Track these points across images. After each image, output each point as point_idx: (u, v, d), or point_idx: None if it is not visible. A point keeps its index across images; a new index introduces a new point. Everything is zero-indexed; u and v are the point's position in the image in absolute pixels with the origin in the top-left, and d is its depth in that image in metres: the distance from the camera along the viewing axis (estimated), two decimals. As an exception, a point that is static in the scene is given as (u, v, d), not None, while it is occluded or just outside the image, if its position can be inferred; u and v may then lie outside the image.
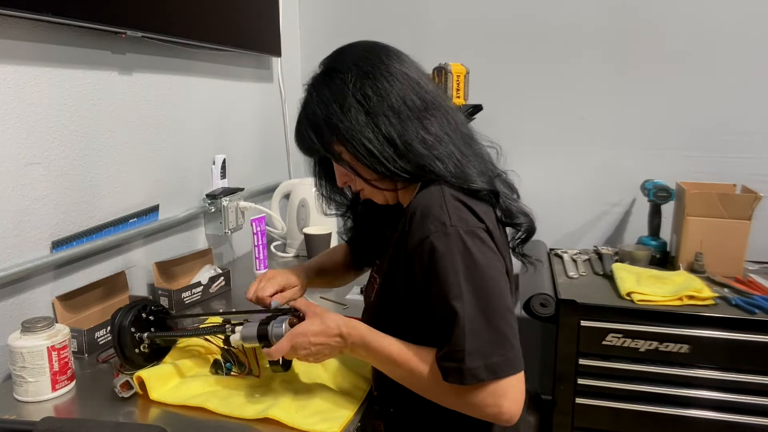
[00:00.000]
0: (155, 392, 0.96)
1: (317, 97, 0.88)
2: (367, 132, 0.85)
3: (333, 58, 0.92)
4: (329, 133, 0.87)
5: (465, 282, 0.77)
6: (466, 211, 0.82)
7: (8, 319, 1.09)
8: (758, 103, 1.92)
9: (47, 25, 1.12)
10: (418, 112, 0.86)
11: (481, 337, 0.76)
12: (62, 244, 1.19)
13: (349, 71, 0.87)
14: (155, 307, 1.08)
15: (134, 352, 1.03)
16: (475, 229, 0.80)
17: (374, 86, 0.86)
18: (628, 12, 1.98)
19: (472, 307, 0.76)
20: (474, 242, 0.79)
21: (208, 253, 1.63)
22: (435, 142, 0.86)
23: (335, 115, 0.86)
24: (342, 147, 0.88)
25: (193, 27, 1.50)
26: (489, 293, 0.78)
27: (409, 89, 0.87)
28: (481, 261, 0.78)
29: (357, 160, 0.87)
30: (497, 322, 0.77)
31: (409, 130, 0.85)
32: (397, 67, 0.88)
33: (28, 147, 1.11)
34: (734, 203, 1.72)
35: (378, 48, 0.91)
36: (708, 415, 1.55)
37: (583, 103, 2.08)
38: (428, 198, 0.84)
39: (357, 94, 0.85)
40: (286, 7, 2.13)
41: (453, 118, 0.91)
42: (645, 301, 1.58)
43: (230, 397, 0.96)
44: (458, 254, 0.78)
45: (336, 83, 0.87)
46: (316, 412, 0.91)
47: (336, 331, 0.87)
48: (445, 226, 0.79)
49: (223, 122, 1.79)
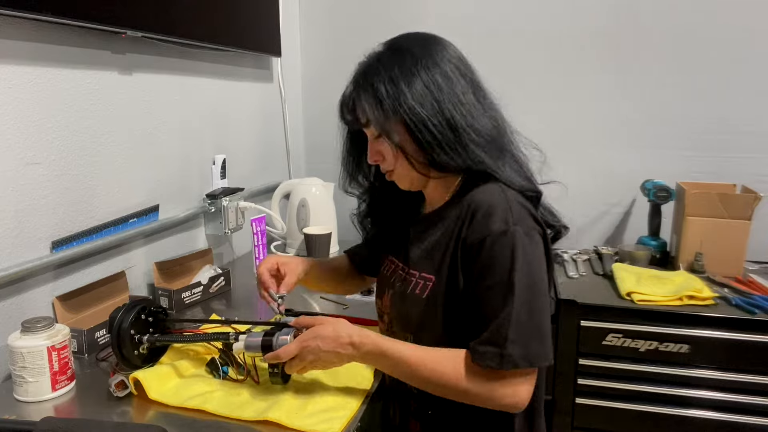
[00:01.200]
0: (153, 392, 0.96)
1: (384, 72, 0.89)
2: (432, 116, 0.87)
3: (398, 40, 0.94)
4: (391, 110, 0.88)
5: (518, 279, 0.82)
6: (526, 213, 0.87)
7: (8, 319, 1.09)
8: (758, 103, 1.92)
9: (47, 25, 1.12)
10: (479, 107, 0.91)
11: (524, 329, 0.81)
12: (62, 244, 1.19)
13: (420, 55, 0.89)
14: (154, 308, 1.08)
15: (133, 353, 1.02)
16: (532, 231, 0.86)
17: (444, 74, 0.89)
18: (628, 12, 1.98)
19: (521, 301, 0.81)
20: (531, 243, 0.85)
21: (208, 253, 1.63)
22: (491, 139, 0.90)
23: (403, 94, 0.87)
24: (401, 126, 0.89)
25: (193, 27, 1.50)
26: (536, 291, 0.83)
27: (469, 82, 0.92)
28: (534, 261, 0.84)
29: (414, 141, 0.89)
30: (538, 317, 0.83)
31: (471, 124, 0.88)
32: (457, 59, 0.92)
33: (28, 147, 1.11)
34: (734, 203, 1.72)
35: (444, 41, 0.94)
36: (708, 415, 1.55)
37: (583, 103, 2.07)
38: (491, 196, 0.88)
39: (427, 78, 0.88)
40: (286, 7, 2.13)
41: (504, 118, 0.96)
42: (645, 301, 1.58)
43: (229, 398, 0.96)
44: (517, 252, 0.83)
45: (406, 63, 0.88)
46: (316, 412, 0.91)
47: (347, 340, 0.88)
48: (508, 224, 0.84)
49: (223, 122, 1.79)
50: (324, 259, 1.25)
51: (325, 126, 2.35)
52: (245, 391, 0.98)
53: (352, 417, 0.91)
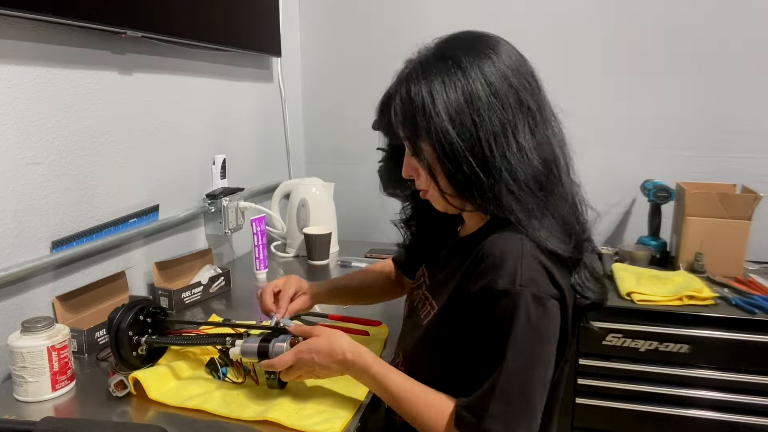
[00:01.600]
0: (153, 392, 0.96)
1: (423, 81, 0.78)
2: (467, 139, 0.76)
3: (448, 42, 0.83)
4: (424, 126, 0.78)
5: (514, 346, 0.73)
6: (543, 273, 0.76)
7: (8, 319, 1.09)
8: (758, 103, 1.92)
9: (47, 25, 1.12)
10: (529, 144, 0.78)
11: (510, 405, 0.73)
12: (62, 244, 1.19)
13: (464, 62, 0.78)
14: (153, 309, 1.07)
15: (131, 354, 1.02)
16: (542, 295, 0.74)
17: (488, 89, 0.77)
18: (629, 12, 1.98)
19: (512, 372, 0.73)
20: (537, 309, 0.74)
21: (208, 253, 1.63)
22: (533, 190, 0.78)
23: (438, 109, 0.76)
24: (430, 147, 0.79)
25: (193, 27, 1.50)
26: (533, 365, 0.74)
27: (523, 107, 0.79)
28: (538, 331, 0.74)
29: (442, 167, 0.79)
30: (532, 395, 0.74)
31: (511, 168, 0.76)
32: (514, 72, 0.80)
33: (28, 147, 1.11)
34: (734, 203, 1.72)
35: (496, 43, 0.82)
36: (708, 415, 1.55)
37: (583, 103, 2.07)
38: (506, 245, 0.77)
39: (468, 92, 0.76)
40: (286, 7, 2.13)
41: (558, 157, 0.83)
42: (645, 301, 1.58)
43: (228, 398, 0.96)
44: (518, 318, 0.73)
45: (449, 72, 0.77)
46: (316, 412, 0.91)
47: (341, 357, 0.87)
48: (514, 283, 0.74)
49: (223, 122, 1.79)
50: (350, 278, 1.21)
51: (325, 126, 2.36)
52: (245, 391, 0.98)
53: (351, 417, 0.91)
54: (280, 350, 0.90)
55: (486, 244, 0.79)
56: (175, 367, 1.03)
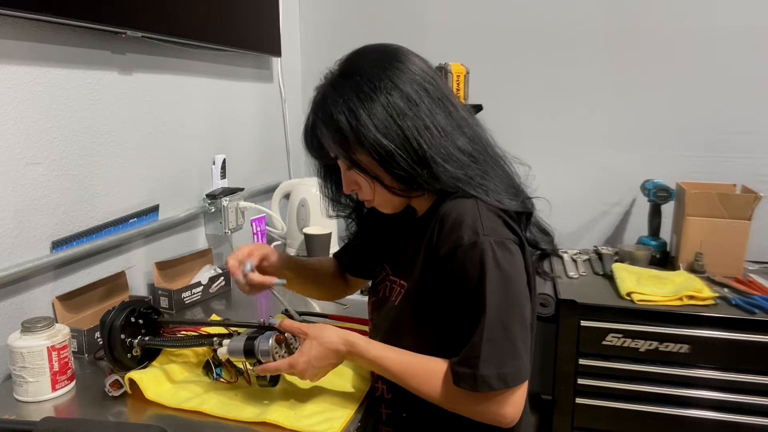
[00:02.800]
0: (150, 392, 0.96)
1: (340, 101, 0.84)
2: (397, 142, 0.82)
3: (352, 60, 0.88)
4: (355, 141, 0.83)
5: (490, 292, 0.78)
6: (500, 222, 0.83)
7: (8, 319, 1.09)
8: (758, 103, 1.92)
9: (47, 25, 1.12)
10: (447, 125, 0.84)
11: (497, 346, 0.78)
12: (62, 244, 1.19)
13: (375, 76, 0.83)
14: (144, 309, 1.06)
15: (125, 356, 1.01)
16: (505, 241, 0.81)
17: (406, 96, 0.83)
18: (628, 12, 1.98)
19: (493, 316, 0.78)
20: (504, 254, 0.80)
21: (208, 253, 1.63)
22: (468, 162, 0.85)
23: (364, 126, 0.82)
24: (367, 156, 0.84)
25: (193, 27, 1.50)
26: (510, 304, 0.79)
27: (436, 101, 0.85)
28: (507, 272, 0.79)
29: (384, 169, 0.84)
30: (514, 333, 0.79)
31: (441, 150, 0.83)
32: (421, 74, 0.85)
33: (28, 147, 1.11)
34: (734, 203, 1.72)
35: (400, 53, 0.87)
36: (708, 415, 1.55)
37: (583, 103, 2.07)
38: (462, 207, 0.83)
39: (386, 102, 0.82)
40: (286, 7, 2.13)
41: (480, 132, 0.89)
42: (645, 301, 1.58)
43: (226, 399, 0.96)
44: (487, 264, 0.78)
45: (362, 88, 0.83)
46: (315, 413, 0.91)
47: (335, 353, 0.88)
48: (478, 235, 0.79)
49: (223, 122, 1.79)
50: (304, 257, 1.21)
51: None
52: (242, 392, 0.98)
53: (350, 418, 0.91)
54: (264, 347, 0.90)
55: (442, 210, 0.84)
56: (170, 370, 1.03)
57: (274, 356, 0.90)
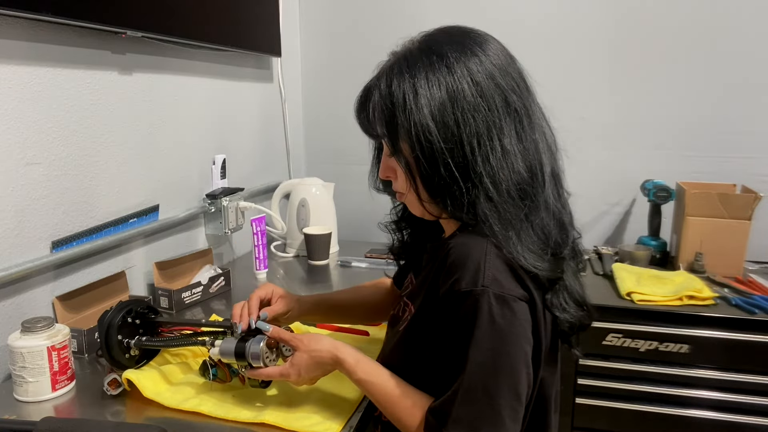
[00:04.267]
0: (148, 391, 0.96)
1: (407, 75, 0.74)
2: (449, 141, 0.72)
3: (435, 37, 0.79)
4: (404, 124, 0.74)
5: (475, 350, 0.70)
6: (508, 273, 0.72)
7: (8, 319, 1.09)
8: (758, 103, 1.92)
9: (47, 25, 1.12)
10: (511, 144, 0.74)
11: (474, 410, 0.70)
12: (62, 244, 1.19)
13: (453, 59, 0.73)
14: (141, 309, 1.05)
15: (123, 356, 1.01)
16: (507, 296, 0.71)
17: (476, 89, 0.73)
18: (628, 12, 1.98)
19: (474, 378, 0.71)
20: (503, 310, 0.70)
21: (208, 253, 1.63)
22: (513, 198, 0.73)
23: (420, 107, 0.72)
24: (408, 146, 0.75)
25: (193, 27, 1.50)
26: (499, 368, 0.71)
27: (511, 109, 0.75)
28: (502, 332, 0.70)
29: (420, 169, 0.75)
30: (498, 400, 0.70)
31: (495, 162, 0.72)
32: (502, 71, 0.76)
33: (28, 147, 1.11)
34: (734, 203, 1.71)
35: (487, 43, 0.77)
36: (708, 415, 1.55)
37: (583, 103, 2.07)
38: (468, 247, 0.74)
39: (455, 91, 0.72)
40: (286, 7, 2.13)
41: (546, 161, 0.78)
42: (645, 301, 1.58)
43: (224, 399, 0.96)
44: (479, 319, 0.70)
45: (435, 68, 0.73)
46: (313, 413, 0.91)
47: (322, 363, 0.86)
48: (476, 283, 0.71)
49: (223, 122, 1.79)
50: (340, 294, 1.14)
51: (325, 126, 2.36)
52: (239, 392, 0.98)
53: (348, 418, 0.91)
54: (255, 351, 0.90)
55: (451, 244, 0.76)
56: (168, 371, 1.03)
57: (264, 360, 0.90)
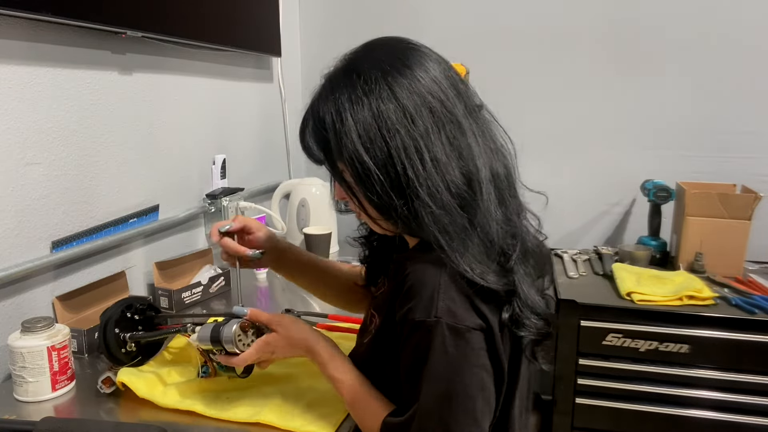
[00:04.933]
0: (141, 392, 0.95)
1: (331, 98, 0.75)
2: (379, 160, 0.72)
3: (358, 55, 0.79)
4: (336, 148, 0.74)
5: (428, 380, 0.70)
6: (463, 302, 0.71)
7: (8, 319, 1.09)
8: (758, 103, 1.92)
9: (47, 25, 1.12)
10: (443, 154, 0.72)
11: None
12: (62, 244, 1.19)
13: (373, 79, 0.73)
14: (141, 305, 1.06)
15: (120, 351, 1.01)
16: (460, 326, 0.70)
17: (398, 107, 0.72)
18: (628, 12, 1.98)
19: (428, 407, 0.70)
20: (455, 341, 0.69)
21: (208, 253, 1.63)
22: (452, 199, 0.72)
23: (347, 130, 0.73)
24: (347, 170, 0.75)
25: (193, 27, 1.50)
26: (452, 396, 0.70)
27: (438, 121, 0.73)
28: (453, 362, 0.69)
29: (360, 189, 0.75)
30: (452, 427, 0.69)
31: (427, 174, 0.71)
32: (429, 86, 0.73)
33: (28, 147, 1.11)
34: (734, 203, 1.71)
35: (411, 56, 0.75)
36: (708, 415, 1.55)
37: (583, 103, 2.07)
38: (422, 274, 0.73)
39: (377, 110, 0.72)
40: (286, 7, 2.13)
41: (490, 164, 0.75)
42: (645, 301, 1.58)
43: (218, 399, 0.95)
44: (432, 351, 0.69)
45: (356, 89, 0.73)
46: (309, 413, 0.91)
47: (296, 349, 0.87)
48: (429, 314, 0.70)
49: (223, 122, 1.79)
50: (318, 258, 1.12)
51: (325, 126, 2.35)
52: (236, 393, 0.97)
53: (345, 417, 0.91)
54: (228, 333, 0.88)
55: (409, 269, 0.75)
56: (164, 373, 1.02)
57: (236, 343, 0.87)
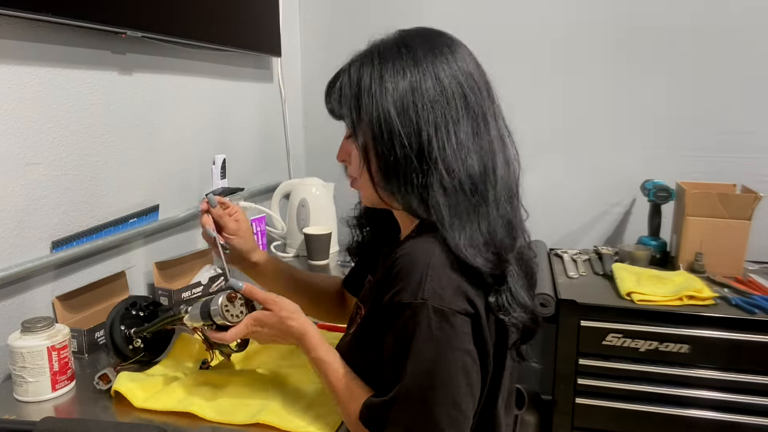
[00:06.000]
0: (138, 401, 0.94)
1: (376, 63, 0.78)
2: (406, 127, 0.75)
3: (409, 34, 0.82)
4: (367, 106, 0.77)
5: (412, 361, 0.72)
6: (451, 286, 0.72)
7: (8, 319, 1.09)
8: (758, 103, 1.92)
9: (47, 25, 1.12)
10: (466, 140, 0.76)
11: (411, 417, 0.72)
12: (62, 244, 1.19)
13: (420, 56, 0.77)
14: (146, 303, 1.07)
15: (128, 348, 1.03)
16: (447, 310, 0.71)
17: (438, 85, 0.76)
18: (628, 12, 1.98)
19: (413, 386, 0.72)
20: (441, 324, 0.71)
21: (208, 253, 1.62)
22: (466, 189, 0.75)
23: (383, 91, 0.76)
24: (369, 129, 0.78)
25: (193, 27, 1.50)
26: (435, 379, 0.71)
27: (470, 111, 0.78)
28: (439, 345, 0.71)
29: (376, 152, 0.78)
30: (434, 411, 0.71)
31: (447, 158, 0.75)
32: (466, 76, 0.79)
33: (28, 147, 1.11)
34: (734, 203, 1.72)
35: (458, 47, 0.81)
36: (708, 415, 1.55)
37: (583, 103, 2.07)
38: (415, 256, 0.74)
39: (417, 83, 0.76)
40: (286, 7, 2.13)
41: (499, 165, 0.79)
42: (645, 301, 1.58)
43: (215, 399, 0.95)
44: (417, 334, 0.71)
45: (402, 60, 0.77)
46: (309, 413, 0.91)
47: (289, 334, 0.87)
48: (416, 296, 0.71)
49: (223, 122, 1.79)
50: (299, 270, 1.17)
51: (325, 126, 2.35)
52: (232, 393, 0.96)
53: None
54: (215, 306, 0.87)
55: (399, 253, 0.77)
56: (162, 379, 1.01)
57: (223, 314, 0.87)
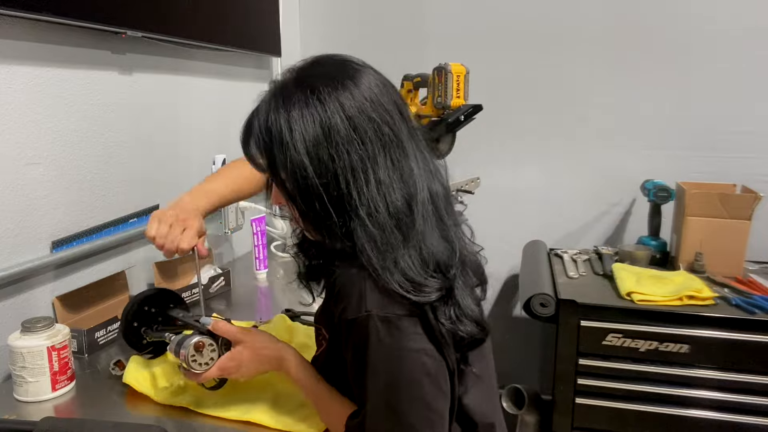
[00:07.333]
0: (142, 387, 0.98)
1: (282, 109, 0.75)
2: (323, 176, 0.73)
3: (309, 68, 0.82)
4: (281, 157, 0.75)
5: (371, 374, 0.72)
6: (391, 294, 0.71)
7: (8, 319, 1.09)
8: (758, 103, 1.92)
9: (47, 25, 1.12)
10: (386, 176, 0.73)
11: (385, 427, 0.72)
12: (62, 244, 1.19)
13: (330, 102, 0.73)
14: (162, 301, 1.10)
15: (140, 343, 1.06)
16: (391, 316, 0.71)
17: (349, 123, 0.73)
18: (628, 12, 1.98)
19: (376, 402, 0.72)
20: (389, 330, 0.71)
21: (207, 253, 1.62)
22: (390, 220, 0.73)
23: (295, 141, 0.73)
24: (289, 180, 0.76)
25: (193, 27, 1.50)
26: (398, 385, 0.71)
27: (385, 140, 0.74)
28: (392, 351, 0.71)
29: (299, 200, 0.76)
30: (404, 414, 0.71)
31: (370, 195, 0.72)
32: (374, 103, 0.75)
33: (28, 147, 1.11)
34: (734, 203, 1.71)
35: (357, 73, 0.78)
36: (708, 415, 1.55)
37: (583, 103, 2.07)
38: (351, 271, 0.74)
39: (328, 126, 0.72)
40: (286, 7, 2.13)
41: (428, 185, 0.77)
42: (645, 301, 1.58)
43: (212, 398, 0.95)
44: (369, 345, 0.71)
45: (311, 108, 0.74)
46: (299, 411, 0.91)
47: (267, 359, 0.87)
48: (360, 310, 0.71)
49: (223, 122, 1.79)
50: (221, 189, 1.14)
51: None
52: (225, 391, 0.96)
53: None
54: (184, 354, 0.86)
55: (337, 273, 0.77)
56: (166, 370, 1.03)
57: (190, 364, 0.86)
